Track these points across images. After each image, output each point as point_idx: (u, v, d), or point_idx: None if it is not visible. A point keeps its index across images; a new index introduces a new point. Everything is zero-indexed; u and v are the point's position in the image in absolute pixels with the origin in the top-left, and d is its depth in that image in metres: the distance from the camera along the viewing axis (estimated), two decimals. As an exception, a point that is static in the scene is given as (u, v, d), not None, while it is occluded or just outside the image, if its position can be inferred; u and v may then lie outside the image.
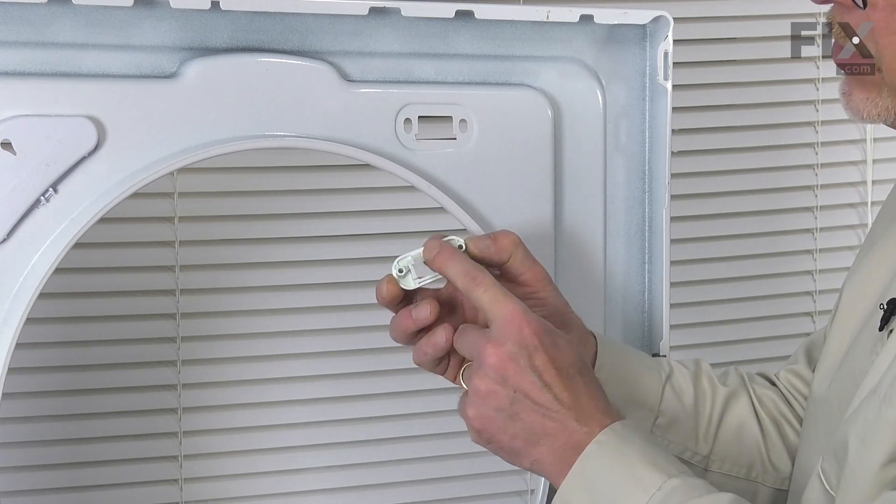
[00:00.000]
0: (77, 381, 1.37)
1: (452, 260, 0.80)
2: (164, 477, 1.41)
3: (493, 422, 0.77)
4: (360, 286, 1.44)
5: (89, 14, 0.81)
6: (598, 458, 0.75)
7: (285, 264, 1.43)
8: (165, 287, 1.38)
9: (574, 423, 0.76)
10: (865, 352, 0.84)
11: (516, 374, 0.76)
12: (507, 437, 0.77)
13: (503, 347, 0.76)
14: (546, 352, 0.76)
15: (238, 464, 1.43)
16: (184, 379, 1.39)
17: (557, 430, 0.76)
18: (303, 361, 1.44)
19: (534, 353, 0.76)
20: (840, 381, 0.87)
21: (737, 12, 1.54)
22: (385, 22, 0.86)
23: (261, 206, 1.42)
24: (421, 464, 1.49)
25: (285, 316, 1.43)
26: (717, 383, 0.95)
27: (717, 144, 1.57)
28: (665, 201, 0.91)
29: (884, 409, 0.74)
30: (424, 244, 0.81)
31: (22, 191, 0.79)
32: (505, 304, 0.77)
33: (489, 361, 0.76)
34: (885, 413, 0.74)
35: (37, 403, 1.36)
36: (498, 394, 0.76)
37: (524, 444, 0.77)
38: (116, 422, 1.38)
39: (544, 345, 0.76)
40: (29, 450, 1.36)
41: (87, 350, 1.37)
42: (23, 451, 1.36)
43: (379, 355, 1.46)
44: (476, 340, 0.78)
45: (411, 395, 1.48)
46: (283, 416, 1.44)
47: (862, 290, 0.89)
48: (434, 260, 0.80)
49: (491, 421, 0.77)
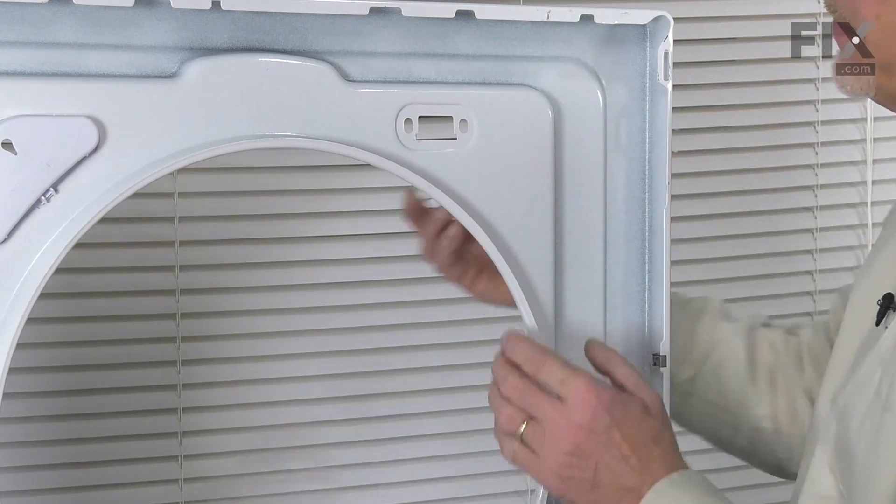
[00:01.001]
0: (77, 381, 1.37)
1: (518, 346, 0.85)
2: (164, 477, 1.41)
3: (576, 489, 0.82)
4: (360, 286, 1.44)
5: (90, 14, 0.81)
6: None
7: (285, 264, 1.43)
8: (165, 287, 1.38)
9: (645, 487, 0.82)
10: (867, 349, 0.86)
11: (597, 449, 0.82)
12: (588, 502, 0.83)
13: (582, 425, 0.81)
14: (619, 427, 0.82)
15: (238, 463, 1.43)
16: (184, 379, 1.40)
17: (630, 495, 0.82)
18: (303, 361, 1.44)
19: (611, 428, 0.82)
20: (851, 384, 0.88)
21: (737, 12, 1.54)
22: (385, 22, 0.86)
23: (261, 206, 1.42)
24: (421, 464, 1.49)
25: (285, 316, 1.43)
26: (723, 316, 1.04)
27: (717, 144, 1.57)
28: (665, 201, 0.91)
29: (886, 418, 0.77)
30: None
31: (22, 191, 0.79)
32: (576, 383, 0.82)
33: (570, 438, 0.81)
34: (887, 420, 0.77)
35: (37, 403, 1.36)
36: (581, 468, 0.82)
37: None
38: (116, 422, 1.38)
39: (616, 419, 0.82)
40: (29, 450, 1.36)
41: (87, 350, 1.37)
42: (23, 451, 1.36)
43: (379, 355, 1.46)
44: (548, 411, 0.82)
45: (412, 395, 1.48)
46: (283, 416, 1.44)
47: (869, 291, 0.91)
48: (504, 350, 0.86)
49: (574, 489, 0.82)
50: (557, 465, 0.82)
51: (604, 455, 0.81)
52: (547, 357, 0.84)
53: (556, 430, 0.82)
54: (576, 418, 0.81)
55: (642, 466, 0.82)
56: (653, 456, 0.82)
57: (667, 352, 0.93)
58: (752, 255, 1.59)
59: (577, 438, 0.81)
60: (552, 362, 0.83)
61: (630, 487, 0.82)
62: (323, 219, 1.43)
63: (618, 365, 0.87)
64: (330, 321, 1.44)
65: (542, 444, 0.82)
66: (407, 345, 1.47)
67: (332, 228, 1.43)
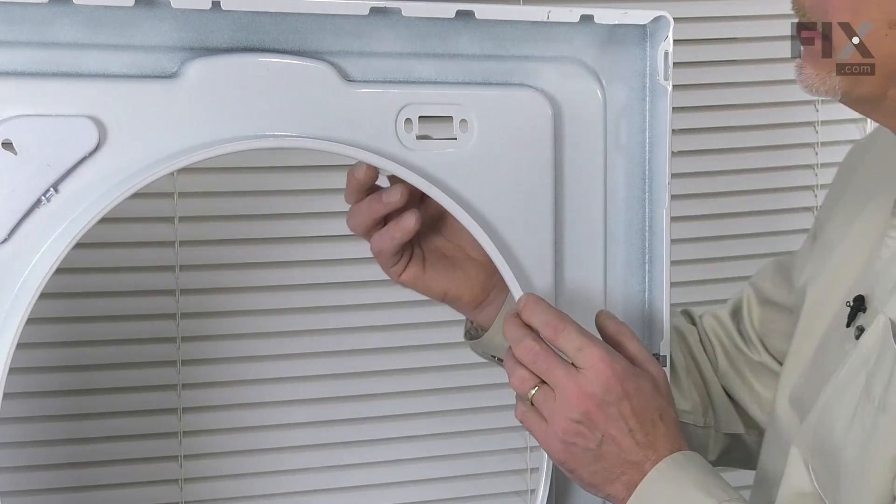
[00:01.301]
0: (77, 381, 1.37)
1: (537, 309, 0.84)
2: (165, 477, 1.41)
3: (579, 458, 0.83)
4: (360, 286, 1.44)
5: (90, 14, 0.81)
6: (655, 483, 0.81)
7: (285, 264, 1.43)
8: (165, 287, 1.38)
9: (649, 464, 0.82)
10: (835, 349, 0.88)
11: (606, 420, 0.82)
12: (589, 472, 0.83)
13: (594, 394, 0.81)
14: (630, 400, 0.82)
15: (238, 464, 1.43)
16: (184, 379, 1.40)
17: (633, 470, 0.82)
18: (303, 361, 1.44)
19: (621, 401, 0.82)
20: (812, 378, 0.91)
21: (737, 12, 1.54)
22: (386, 22, 0.86)
23: (261, 206, 1.42)
24: (421, 464, 1.49)
25: (285, 316, 1.43)
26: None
27: (717, 144, 1.57)
28: (665, 201, 0.91)
29: (881, 421, 0.78)
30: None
31: (23, 191, 0.79)
32: (592, 352, 0.82)
33: (580, 407, 0.81)
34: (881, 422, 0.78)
35: (37, 403, 1.36)
36: (587, 436, 0.82)
37: (602, 481, 0.83)
38: (116, 422, 1.38)
39: (628, 392, 0.82)
40: (29, 450, 1.37)
41: (87, 350, 1.37)
42: (23, 451, 1.36)
43: (379, 355, 1.46)
44: (561, 377, 0.82)
45: (411, 395, 1.48)
46: (283, 416, 1.44)
47: (827, 292, 0.93)
48: (522, 312, 0.85)
49: (576, 458, 0.83)
50: (563, 430, 0.82)
51: (611, 427, 0.81)
52: (566, 323, 0.83)
53: (567, 397, 0.81)
54: (588, 387, 0.81)
55: (647, 442, 0.82)
56: (658, 433, 0.83)
57: (667, 352, 0.93)
58: (752, 255, 1.59)
59: (587, 407, 0.81)
60: (570, 329, 0.83)
61: (633, 462, 0.82)
62: (323, 219, 1.43)
63: (629, 338, 0.87)
64: (330, 321, 1.44)
65: (552, 409, 0.82)
66: (407, 345, 1.47)
67: (332, 228, 1.43)
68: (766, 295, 1.06)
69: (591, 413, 0.81)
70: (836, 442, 0.83)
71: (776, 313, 1.04)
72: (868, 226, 0.92)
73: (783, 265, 1.06)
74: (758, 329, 1.06)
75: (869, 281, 0.87)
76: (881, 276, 0.86)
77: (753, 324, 1.06)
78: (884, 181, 0.92)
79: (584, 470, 0.83)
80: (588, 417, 0.81)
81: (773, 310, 1.05)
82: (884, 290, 0.85)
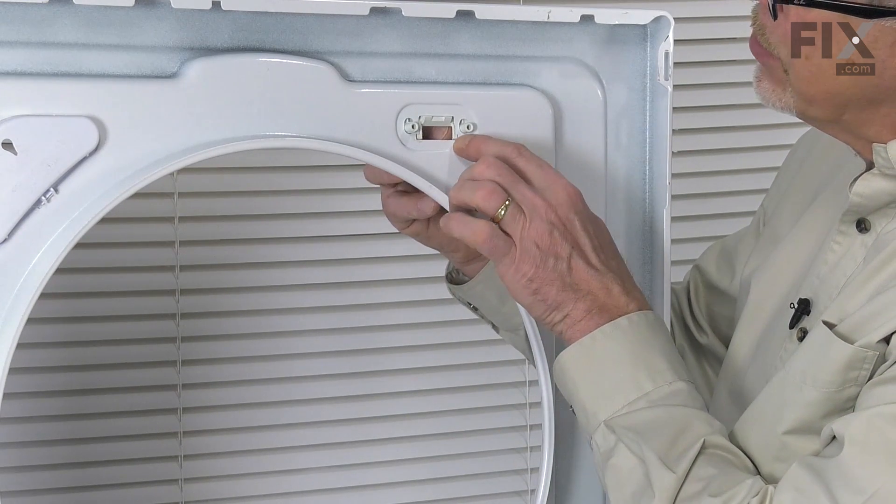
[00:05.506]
0: (77, 381, 1.37)
1: (491, 140, 0.85)
2: (164, 477, 1.41)
3: (548, 272, 0.81)
4: (360, 286, 1.44)
5: (90, 14, 0.81)
6: (623, 332, 0.81)
7: (285, 264, 1.43)
8: (165, 287, 1.38)
9: (618, 289, 0.82)
10: (775, 348, 0.88)
11: (574, 231, 0.82)
12: (556, 289, 0.82)
13: (562, 204, 0.82)
14: (593, 222, 0.84)
15: (238, 464, 1.43)
16: (184, 379, 1.40)
17: (601, 290, 0.82)
18: (303, 361, 1.44)
19: (586, 220, 0.83)
20: (751, 375, 0.91)
21: (737, 12, 1.54)
22: (386, 22, 0.86)
23: (261, 206, 1.42)
24: (421, 464, 1.49)
25: (285, 316, 1.43)
26: None
27: (717, 144, 1.57)
28: (665, 201, 0.91)
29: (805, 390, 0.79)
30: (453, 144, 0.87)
31: (23, 191, 0.79)
32: (555, 174, 0.84)
33: (549, 216, 0.82)
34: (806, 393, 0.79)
35: (37, 403, 1.36)
36: (559, 245, 0.81)
37: (567, 298, 0.82)
38: (116, 422, 1.38)
39: (590, 215, 0.84)
40: (29, 450, 1.36)
41: (87, 350, 1.37)
42: (23, 451, 1.36)
43: (379, 355, 1.46)
44: (527, 192, 0.82)
45: (411, 395, 1.48)
46: (283, 416, 1.44)
47: (771, 288, 0.93)
48: (468, 147, 0.86)
49: (546, 271, 0.81)
50: (537, 235, 0.81)
51: (580, 238, 0.82)
52: (522, 146, 0.85)
53: (537, 209, 0.81)
54: (555, 199, 0.82)
55: (616, 269, 0.83)
56: (622, 268, 0.84)
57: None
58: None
59: (559, 214, 0.82)
60: (528, 150, 0.85)
61: (601, 287, 0.82)
62: (323, 219, 1.43)
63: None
64: (330, 321, 1.44)
65: (523, 225, 0.81)
66: (407, 345, 1.47)
67: (332, 228, 1.43)
68: (711, 280, 1.06)
69: (563, 219, 0.82)
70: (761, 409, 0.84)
71: (720, 299, 1.04)
72: (815, 222, 0.91)
73: (727, 250, 1.06)
74: (705, 313, 1.06)
75: (814, 285, 0.87)
76: (826, 282, 0.86)
77: (701, 308, 1.06)
78: (832, 174, 0.92)
79: (550, 287, 0.81)
80: (561, 223, 0.82)
81: (717, 296, 1.05)
82: (828, 296, 0.85)
